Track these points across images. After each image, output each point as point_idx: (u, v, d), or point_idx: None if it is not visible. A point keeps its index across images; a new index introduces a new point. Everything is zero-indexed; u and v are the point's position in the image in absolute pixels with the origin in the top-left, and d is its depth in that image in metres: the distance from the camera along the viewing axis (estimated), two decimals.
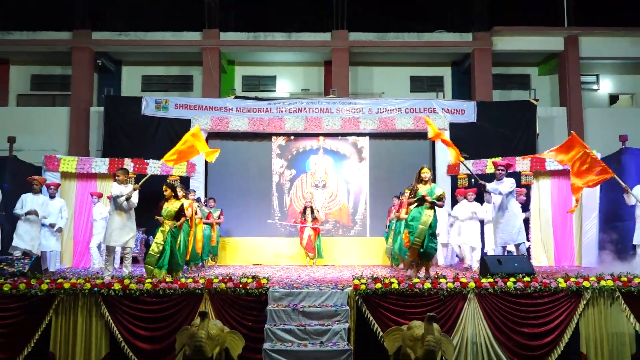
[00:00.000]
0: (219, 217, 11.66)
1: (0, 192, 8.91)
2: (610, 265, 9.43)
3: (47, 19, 16.94)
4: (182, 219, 8.79)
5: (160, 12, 17.38)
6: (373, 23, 16.99)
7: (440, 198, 8.39)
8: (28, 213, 8.98)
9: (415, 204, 8.39)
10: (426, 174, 8.47)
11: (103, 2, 17.17)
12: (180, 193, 9.22)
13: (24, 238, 9.08)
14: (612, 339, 7.17)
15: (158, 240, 8.45)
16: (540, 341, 7.12)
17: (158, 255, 8.34)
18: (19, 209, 9.03)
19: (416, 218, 8.30)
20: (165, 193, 8.81)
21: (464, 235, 10.64)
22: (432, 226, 8.30)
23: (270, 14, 17.99)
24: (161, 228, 8.57)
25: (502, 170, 8.90)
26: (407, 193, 9.25)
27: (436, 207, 8.41)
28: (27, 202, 9.13)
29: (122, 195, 8.32)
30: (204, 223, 10.84)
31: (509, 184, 8.74)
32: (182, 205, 8.82)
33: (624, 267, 8.83)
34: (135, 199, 8.48)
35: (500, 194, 8.64)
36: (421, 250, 8.26)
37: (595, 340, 7.16)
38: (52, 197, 10.02)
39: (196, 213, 10.36)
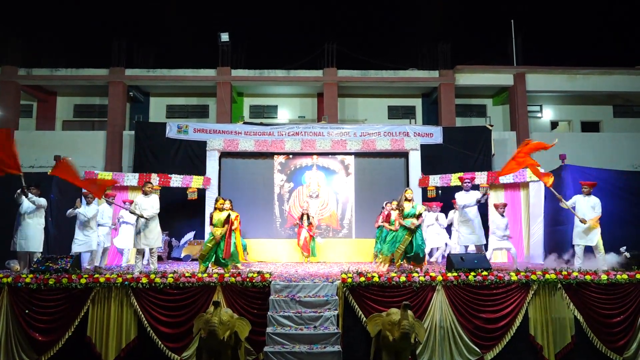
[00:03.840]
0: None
1: (44, 202, 8.70)
2: (553, 261, 9.44)
3: (88, 58, 17.04)
4: (226, 226, 8.82)
5: (182, 53, 17.49)
6: (357, 62, 17.13)
7: (419, 214, 8.55)
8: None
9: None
10: (409, 194, 8.67)
11: (134, 45, 17.23)
12: (227, 205, 9.19)
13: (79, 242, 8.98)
14: (555, 323, 7.16)
15: (209, 243, 8.57)
16: (496, 325, 7.10)
17: (206, 254, 8.53)
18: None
19: (405, 231, 8.51)
20: (216, 204, 8.94)
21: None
22: (417, 237, 8.46)
23: (272, 55, 18.17)
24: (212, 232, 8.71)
25: (468, 182, 8.98)
26: (394, 205, 9.34)
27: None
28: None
29: (138, 216, 8.41)
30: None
31: (475, 195, 8.80)
32: (228, 215, 8.87)
33: (564, 263, 8.85)
34: (149, 212, 8.46)
35: (469, 205, 8.74)
36: (410, 254, 8.43)
37: (542, 324, 7.15)
38: (109, 204, 9.94)
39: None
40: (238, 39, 17.29)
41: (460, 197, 8.91)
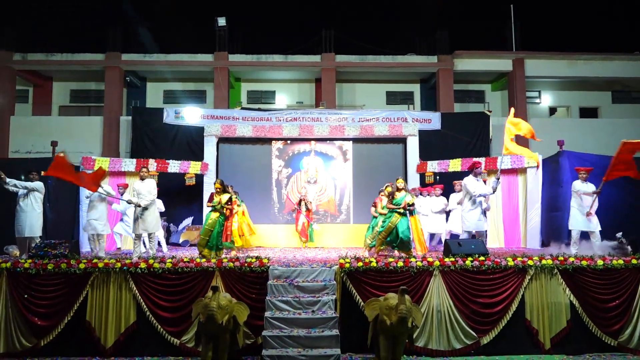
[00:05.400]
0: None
1: (31, 185, 8.64)
2: (550, 246, 9.48)
3: (84, 43, 16.86)
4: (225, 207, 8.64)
5: (179, 38, 17.33)
6: (355, 48, 17.00)
7: (411, 204, 8.43)
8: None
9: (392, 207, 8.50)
10: (400, 183, 8.54)
11: (131, 29, 17.07)
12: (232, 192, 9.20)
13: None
14: (551, 308, 7.23)
15: (208, 226, 8.34)
16: (493, 309, 7.16)
17: (207, 238, 8.24)
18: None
19: (388, 218, 8.42)
20: (216, 187, 8.66)
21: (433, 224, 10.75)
22: (401, 224, 8.31)
23: (270, 40, 18.03)
24: (211, 216, 8.42)
25: (479, 168, 8.90)
26: (385, 193, 9.28)
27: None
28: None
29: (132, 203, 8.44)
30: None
31: (488, 183, 8.74)
32: (230, 197, 8.70)
33: (561, 248, 8.89)
34: (147, 198, 8.46)
35: (487, 194, 8.62)
36: (395, 244, 8.34)
37: (538, 309, 7.21)
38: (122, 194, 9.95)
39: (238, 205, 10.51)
40: (235, 23, 17.16)
41: (472, 184, 8.62)
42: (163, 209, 10.97)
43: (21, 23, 17.54)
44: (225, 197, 8.51)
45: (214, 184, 8.88)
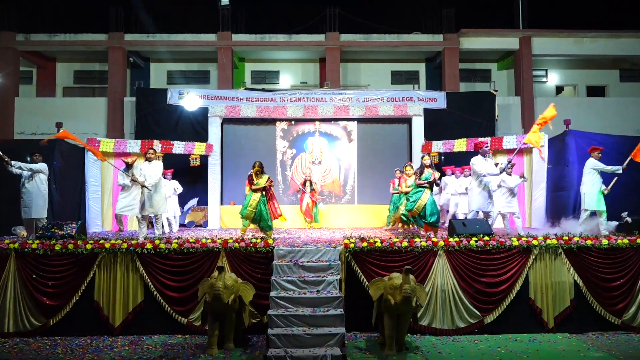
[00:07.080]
0: None
1: (46, 168, 8.64)
2: (554, 226, 9.45)
3: (87, 23, 16.76)
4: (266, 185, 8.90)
5: (182, 17, 17.16)
6: (360, 26, 16.79)
7: (435, 179, 8.48)
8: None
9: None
10: (427, 160, 8.57)
11: (134, 9, 16.89)
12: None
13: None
14: (555, 287, 7.25)
15: (251, 207, 8.63)
16: (497, 289, 7.19)
17: (252, 215, 8.64)
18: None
19: (418, 195, 8.41)
20: (256, 170, 8.85)
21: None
22: (431, 201, 8.36)
23: (274, 19, 17.82)
24: (252, 197, 8.71)
25: (487, 147, 8.88)
26: (407, 170, 9.67)
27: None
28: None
29: (142, 185, 8.33)
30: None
31: (495, 164, 8.70)
32: (268, 177, 8.94)
33: (566, 227, 8.86)
34: (153, 180, 8.37)
35: (493, 175, 8.58)
36: (424, 220, 8.33)
37: (542, 288, 7.24)
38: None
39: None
40: (238, 2, 16.94)
41: (480, 164, 8.51)
42: (181, 189, 10.95)
43: (24, 3, 17.37)
44: (264, 178, 8.84)
45: (254, 166, 8.92)
